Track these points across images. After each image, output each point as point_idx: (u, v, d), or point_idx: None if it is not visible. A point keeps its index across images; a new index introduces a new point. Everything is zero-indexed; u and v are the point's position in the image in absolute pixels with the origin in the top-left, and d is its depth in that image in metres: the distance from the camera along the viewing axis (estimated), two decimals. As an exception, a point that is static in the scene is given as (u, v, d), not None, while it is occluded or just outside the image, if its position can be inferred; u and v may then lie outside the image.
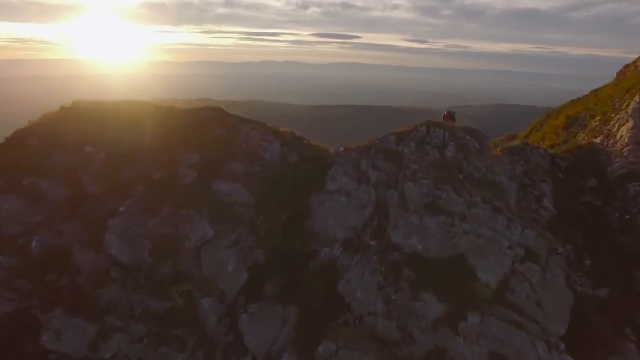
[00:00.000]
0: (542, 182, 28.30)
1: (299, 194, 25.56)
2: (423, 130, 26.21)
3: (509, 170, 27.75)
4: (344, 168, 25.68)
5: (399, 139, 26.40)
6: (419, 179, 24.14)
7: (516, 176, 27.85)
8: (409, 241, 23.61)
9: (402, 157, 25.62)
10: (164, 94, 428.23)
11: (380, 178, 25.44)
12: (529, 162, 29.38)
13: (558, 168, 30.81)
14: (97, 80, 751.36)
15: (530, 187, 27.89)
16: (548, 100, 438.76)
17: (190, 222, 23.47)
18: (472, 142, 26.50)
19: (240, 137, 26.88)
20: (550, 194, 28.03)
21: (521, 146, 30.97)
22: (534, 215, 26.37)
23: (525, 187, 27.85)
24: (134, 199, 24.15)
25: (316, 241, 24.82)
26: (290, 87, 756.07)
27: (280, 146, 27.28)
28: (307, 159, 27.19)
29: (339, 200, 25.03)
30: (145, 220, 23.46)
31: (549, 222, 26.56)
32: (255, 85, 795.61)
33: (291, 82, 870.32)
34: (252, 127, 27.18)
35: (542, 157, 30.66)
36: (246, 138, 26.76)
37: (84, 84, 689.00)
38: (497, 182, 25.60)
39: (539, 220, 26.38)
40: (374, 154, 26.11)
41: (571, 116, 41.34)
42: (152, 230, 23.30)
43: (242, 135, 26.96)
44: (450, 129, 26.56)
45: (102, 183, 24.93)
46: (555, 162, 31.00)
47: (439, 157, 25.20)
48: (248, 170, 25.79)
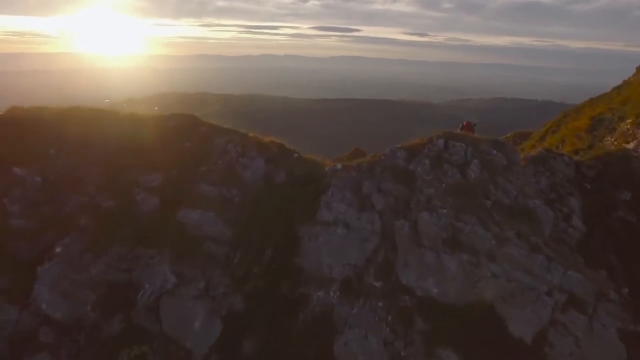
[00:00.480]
0: (570, 197, 23.65)
1: (286, 224, 20.64)
2: (440, 145, 21.33)
3: (533, 184, 23.02)
4: (341, 192, 20.74)
5: (410, 155, 21.50)
6: (436, 207, 19.36)
7: (541, 190, 23.11)
8: (423, 283, 19.25)
9: (414, 178, 20.78)
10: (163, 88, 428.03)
11: (387, 204, 20.61)
12: (554, 173, 24.69)
13: (584, 178, 26.17)
14: (96, 74, 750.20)
15: (557, 203, 23.17)
16: (548, 94, 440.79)
17: (148, 264, 18.68)
18: (499, 158, 21.71)
19: (215, 151, 21.88)
20: (579, 209, 23.42)
21: (545, 154, 26.12)
22: (562, 236, 21.82)
23: (552, 202, 23.09)
24: (75, 236, 19.08)
25: (307, 283, 19.99)
26: (290, 80, 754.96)
27: (264, 163, 22.24)
28: (298, 178, 22.20)
29: (336, 233, 20.16)
30: (89, 263, 18.51)
31: (579, 243, 22.00)
32: (255, 78, 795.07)
33: (291, 76, 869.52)
34: (229, 139, 22.05)
35: (567, 165, 25.94)
36: (222, 153, 21.77)
37: (83, 78, 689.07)
38: (530, 209, 20.85)
39: (568, 241, 21.87)
40: (379, 174, 21.22)
41: (595, 117, 36.91)
42: (98, 276, 18.35)
43: (217, 149, 21.93)
44: (473, 142, 21.69)
45: (35, 215, 19.77)
46: (581, 171, 26.40)
47: (460, 178, 20.39)
48: (223, 194, 20.81)
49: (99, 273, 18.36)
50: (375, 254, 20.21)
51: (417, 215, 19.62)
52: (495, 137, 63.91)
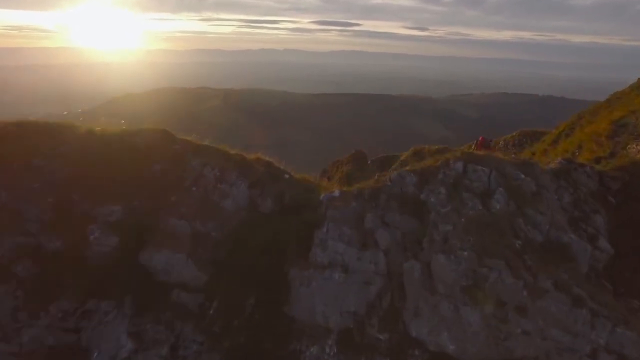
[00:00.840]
0: (596, 214, 20.30)
1: (273, 265, 17.09)
2: (458, 169, 17.73)
3: (555, 201, 19.56)
4: (339, 228, 17.11)
5: (422, 180, 17.89)
6: (455, 248, 15.82)
7: (563, 208, 19.62)
8: (437, 338, 15.93)
9: (426, 209, 17.20)
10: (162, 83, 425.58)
11: (394, 240, 17.07)
12: (577, 187, 21.31)
13: (608, 190, 22.79)
14: (96, 69, 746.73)
15: (582, 222, 19.74)
16: (549, 88, 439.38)
17: (101, 322, 15.04)
18: (527, 183, 18.22)
19: (189, 176, 18.24)
20: (605, 228, 20.04)
21: (566, 166, 22.63)
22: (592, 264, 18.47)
23: (576, 222, 19.62)
24: (8, 290, 15.25)
25: (298, 337, 16.50)
26: (290, 75, 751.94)
27: (248, 188, 18.60)
28: (288, 207, 18.59)
29: (332, 278, 16.61)
30: (21, 326, 14.85)
31: (606, 267, 18.96)
32: (255, 73, 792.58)
33: (291, 70, 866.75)
34: (206, 160, 18.33)
35: (589, 177, 22.49)
36: (197, 178, 18.11)
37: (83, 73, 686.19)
38: (564, 245, 17.38)
39: (595, 266, 18.53)
40: (384, 204, 17.62)
41: (616, 121, 33.57)
42: (33, 343, 14.67)
43: (192, 173, 18.25)
44: (498, 165, 18.13)
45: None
46: (604, 183, 22.99)
47: (482, 210, 16.84)
48: (197, 230, 17.17)
49: (34, 339, 14.65)
50: (379, 299, 16.76)
51: (430, 257, 16.11)
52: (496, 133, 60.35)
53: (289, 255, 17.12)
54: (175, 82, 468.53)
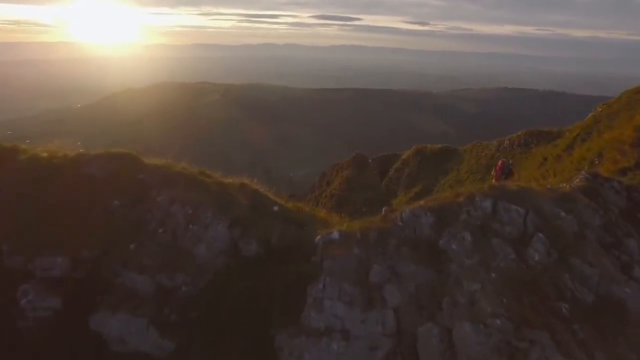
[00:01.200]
0: (629, 239, 16.71)
1: (256, 328, 13.72)
2: (485, 208, 14.29)
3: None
4: (338, 284, 13.62)
5: (440, 221, 14.44)
6: (485, 314, 12.41)
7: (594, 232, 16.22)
8: None
9: (446, 258, 13.82)
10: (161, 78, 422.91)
11: (406, 295, 13.70)
12: (608, 208, 17.78)
13: (637, 207, 19.31)
14: (95, 64, 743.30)
15: (614, 249, 16.30)
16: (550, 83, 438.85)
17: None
18: (569, 222, 14.85)
19: (155, 215, 14.85)
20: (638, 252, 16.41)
21: (594, 183, 19.23)
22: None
23: (607, 248, 16.22)
24: None
25: (288, 419, 13.19)
26: (290, 70, 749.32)
27: (228, 227, 15.26)
28: (276, 250, 15.22)
29: (330, 349, 13.17)
30: None
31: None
32: (255, 68, 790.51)
33: (291, 65, 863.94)
34: (175, 196, 14.92)
35: (617, 193, 18.88)
36: (164, 218, 14.70)
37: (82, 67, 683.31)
38: (619, 302, 13.96)
39: None
40: (394, 250, 14.21)
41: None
42: None
43: (158, 212, 14.86)
44: (534, 202, 14.73)
45: None
46: (633, 198, 19.51)
47: (517, 261, 13.45)
48: (163, 285, 13.74)
49: None
50: (387, 365, 13.46)
51: (453, 322, 12.75)
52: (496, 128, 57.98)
53: (275, 317, 13.72)
54: (175, 77, 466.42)
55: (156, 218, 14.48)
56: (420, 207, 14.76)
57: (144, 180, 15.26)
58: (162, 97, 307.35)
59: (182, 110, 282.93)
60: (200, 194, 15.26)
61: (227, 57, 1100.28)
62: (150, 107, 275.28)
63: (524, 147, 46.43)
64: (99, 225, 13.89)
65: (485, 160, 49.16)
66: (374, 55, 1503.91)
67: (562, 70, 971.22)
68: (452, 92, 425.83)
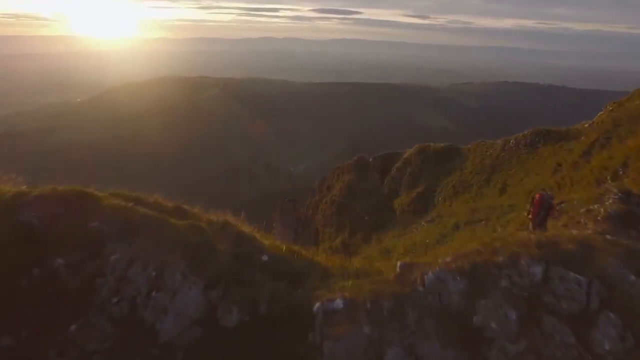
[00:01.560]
0: None
1: None
2: (534, 275, 10.89)
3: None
4: (342, 375, 10.44)
5: (474, 287, 10.97)
6: None
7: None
8: None
9: (483, 339, 10.51)
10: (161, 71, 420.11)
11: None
12: None
13: None
14: (94, 57, 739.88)
15: None
16: (550, 77, 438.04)
17: None
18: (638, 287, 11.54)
19: (109, 277, 11.58)
20: None
21: (628, 205, 16.02)
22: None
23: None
24: None
25: None
26: (290, 63, 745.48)
27: (202, 291, 11.95)
28: (263, 320, 11.93)
29: None
30: None
31: None
32: (255, 61, 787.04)
33: (291, 59, 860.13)
34: (134, 254, 11.50)
35: None
36: (119, 283, 11.45)
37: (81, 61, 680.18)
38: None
39: None
40: (414, 325, 10.86)
41: (670, 137, 27.67)
42: None
43: (113, 272, 11.60)
44: (597, 266, 11.33)
45: None
46: None
47: (576, 347, 10.16)
48: (114, 376, 10.63)
49: None
50: None
51: None
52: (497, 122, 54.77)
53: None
54: (175, 70, 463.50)
55: (109, 284, 11.14)
56: (447, 268, 11.38)
57: (97, 230, 11.86)
58: (162, 91, 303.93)
59: (182, 104, 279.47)
60: (169, 246, 11.89)
61: (227, 51, 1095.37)
62: (150, 101, 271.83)
63: (530, 147, 43.32)
64: (32, 296, 10.56)
65: (490, 160, 45.83)
66: (374, 48, 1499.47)
67: (563, 64, 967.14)
68: (452, 86, 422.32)
